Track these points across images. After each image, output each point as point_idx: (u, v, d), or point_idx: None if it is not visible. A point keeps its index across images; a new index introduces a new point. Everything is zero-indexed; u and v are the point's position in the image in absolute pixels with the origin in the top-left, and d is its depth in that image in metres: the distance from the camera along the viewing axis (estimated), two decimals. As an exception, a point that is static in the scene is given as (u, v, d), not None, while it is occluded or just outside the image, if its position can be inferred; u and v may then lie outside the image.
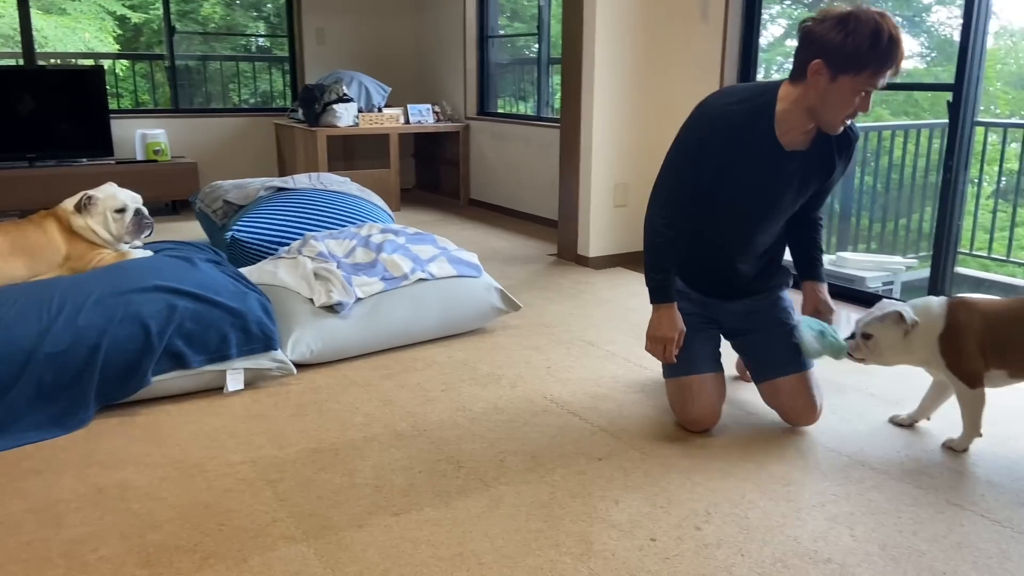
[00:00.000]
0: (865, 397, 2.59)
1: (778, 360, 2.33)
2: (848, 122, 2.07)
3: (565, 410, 2.49)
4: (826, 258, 2.61)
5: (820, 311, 2.35)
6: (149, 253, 2.89)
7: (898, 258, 4.41)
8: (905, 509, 1.93)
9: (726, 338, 2.46)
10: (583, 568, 1.69)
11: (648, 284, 2.26)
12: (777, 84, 2.12)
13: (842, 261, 4.27)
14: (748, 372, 2.71)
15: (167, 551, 1.75)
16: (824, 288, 2.39)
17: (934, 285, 3.41)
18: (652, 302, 2.27)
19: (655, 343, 2.28)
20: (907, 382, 2.71)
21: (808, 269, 2.40)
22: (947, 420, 2.35)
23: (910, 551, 1.76)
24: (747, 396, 2.60)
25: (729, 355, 2.51)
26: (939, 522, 1.87)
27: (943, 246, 3.39)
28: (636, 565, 1.70)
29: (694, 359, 2.33)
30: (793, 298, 2.47)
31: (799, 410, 2.32)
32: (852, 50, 1.92)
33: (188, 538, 1.80)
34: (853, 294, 3.77)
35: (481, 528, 1.84)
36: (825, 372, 2.79)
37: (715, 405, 2.32)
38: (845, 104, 1.99)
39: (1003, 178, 5.33)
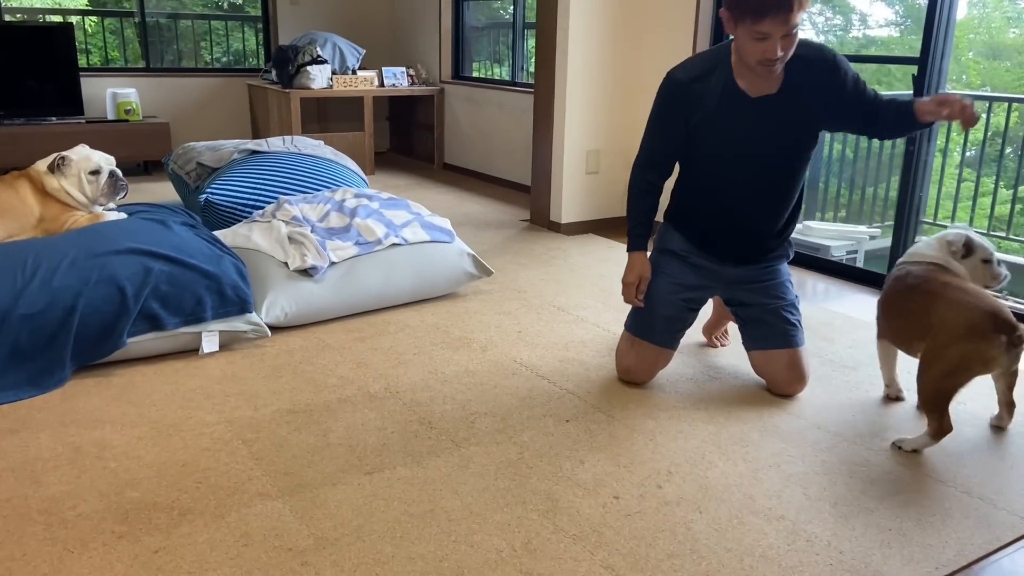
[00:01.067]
0: (824, 363, 2.68)
1: (775, 333, 2.41)
2: (777, 63, 2.09)
3: (534, 373, 2.56)
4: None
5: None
6: (123, 215, 2.89)
7: (863, 227, 4.51)
8: (857, 469, 2.03)
9: (726, 304, 2.54)
10: (548, 524, 1.77)
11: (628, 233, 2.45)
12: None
13: (807, 230, 4.36)
14: (725, 339, 2.80)
15: (145, 508, 1.80)
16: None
17: (895, 255, 3.51)
18: (627, 249, 2.44)
19: (624, 288, 2.45)
20: (864, 348, 2.81)
21: (907, 104, 2.20)
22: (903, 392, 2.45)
23: (860, 508, 1.86)
24: (713, 360, 2.68)
25: (698, 323, 2.59)
26: (887, 482, 1.97)
27: (906, 215, 3.49)
28: (599, 521, 1.78)
29: (654, 330, 2.44)
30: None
31: (790, 381, 2.42)
32: None
33: (166, 495, 1.85)
34: (818, 263, 3.87)
35: (451, 486, 1.91)
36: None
37: (651, 369, 2.49)
38: (751, 50, 2.09)
39: (971, 149, 5.45)
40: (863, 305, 3.31)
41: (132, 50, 6.43)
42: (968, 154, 5.41)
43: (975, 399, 2.42)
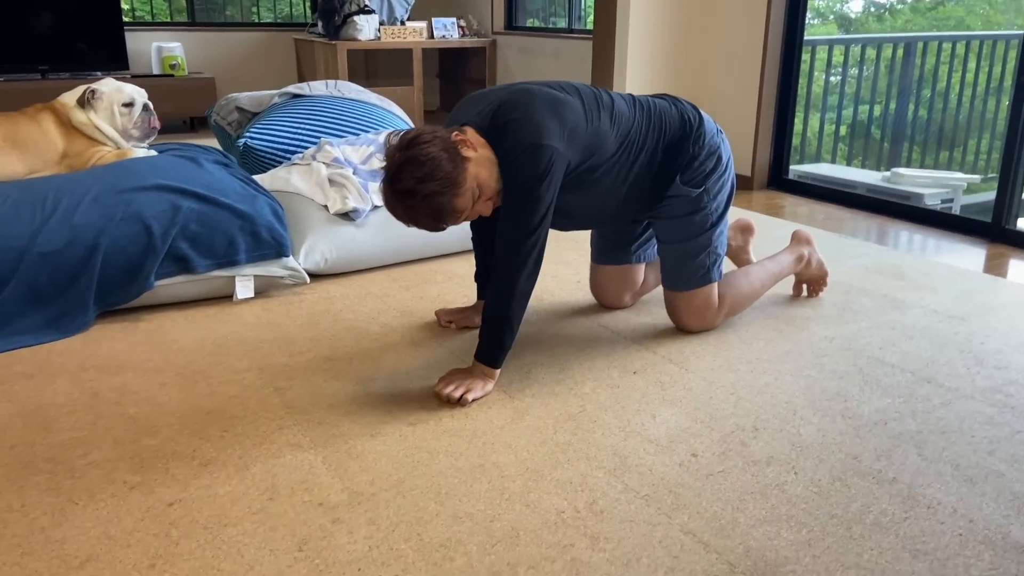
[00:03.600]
0: (927, 313, 2.37)
1: (670, 274, 2.18)
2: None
3: (595, 323, 2.30)
4: (879, 175, 2.29)
5: None
6: (153, 152, 2.71)
7: (959, 174, 4.10)
8: (979, 428, 1.73)
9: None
10: (617, 483, 1.52)
11: None
12: None
13: (897, 177, 3.98)
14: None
15: (163, 457, 1.60)
16: None
17: (1000, 209, 3.13)
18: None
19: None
20: (972, 298, 2.48)
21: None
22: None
23: (988, 471, 1.56)
24: (796, 311, 2.38)
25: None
26: (1018, 442, 1.67)
27: (1013, 164, 3.10)
28: (676, 481, 1.53)
29: (593, 249, 2.38)
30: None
31: (686, 324, 2.22)
32: None
33: (187, 444, 1.65)
34: (911, 211, 3.50)
35: (504, 440, 1.67)
36: (871, 285, 2.56)
37: (612, 291, 2.37)
38: None
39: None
40: (965, 255, 2.96)
41: (177, 4, 6.28)
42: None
43: (1111, 353, 2.08)
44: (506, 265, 1.80)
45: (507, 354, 1.89)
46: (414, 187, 1.69)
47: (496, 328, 1.85)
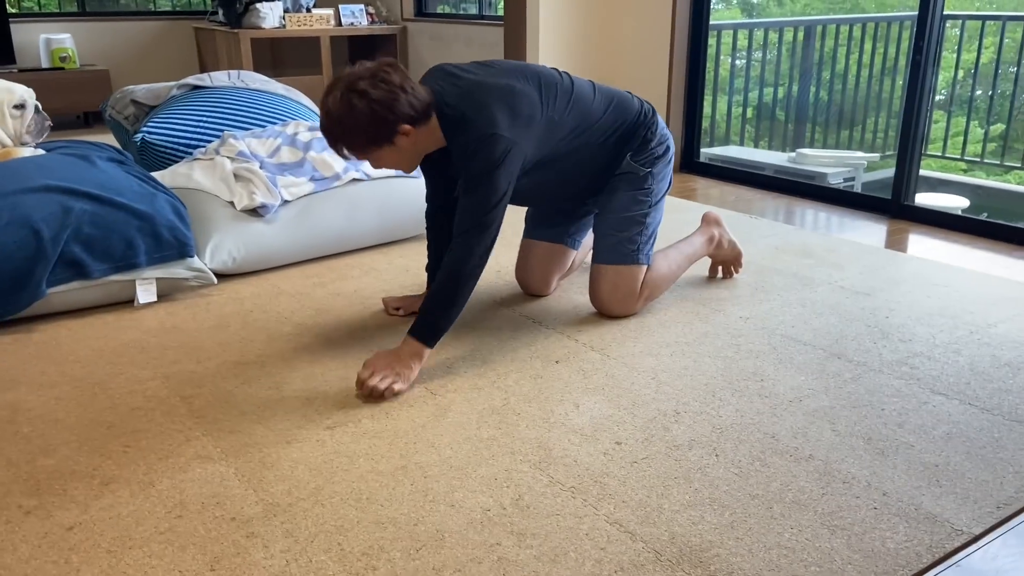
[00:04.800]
0: (835, 290, 2.43)
1: (602, 246, 2.21)
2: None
3: (517, 313, 2.28)
4: (785, 156, 2.37)
5: None
6: (39, 151, 2.54)
7: (859, 153, 4.25)
8: (888, 401, 1.78)
9: None
10: (542, 476, 1.50)
11: None
12: None
13: (802, 158, 4.09)
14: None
15: (61, 477, 1.50)
16: None
17: (898, 185, 3.25)
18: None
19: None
20: (875, 274, 2.56)
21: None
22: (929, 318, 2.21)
23: (898, 444, 1.61)
24: (714, 293, 2.42)
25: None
26: (924, 413, 1.73)
27: (909, 145, 3.21)
28: (601, 471, 1.52)
29: (528, 224, 2.39)
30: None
31: (608, 304, 2.22)
32: None
33: (86, 462, 1.55)
34: (815, 190, 3.61)
35: (426, 439, 1.63)
36: (781, 264, 2.63)
37: (540, 271, 2.35)
38: None
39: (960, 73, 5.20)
40: (868, 231, 3.06)
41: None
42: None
43: (1009, 320, 2.18)
44: (460, 247, 1.85)
45: (442, 337, 1.87)
46: (366, 88, 1.77)
47: (438, 305, 1.84)
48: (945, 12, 3.10)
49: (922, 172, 3.40)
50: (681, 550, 1.31)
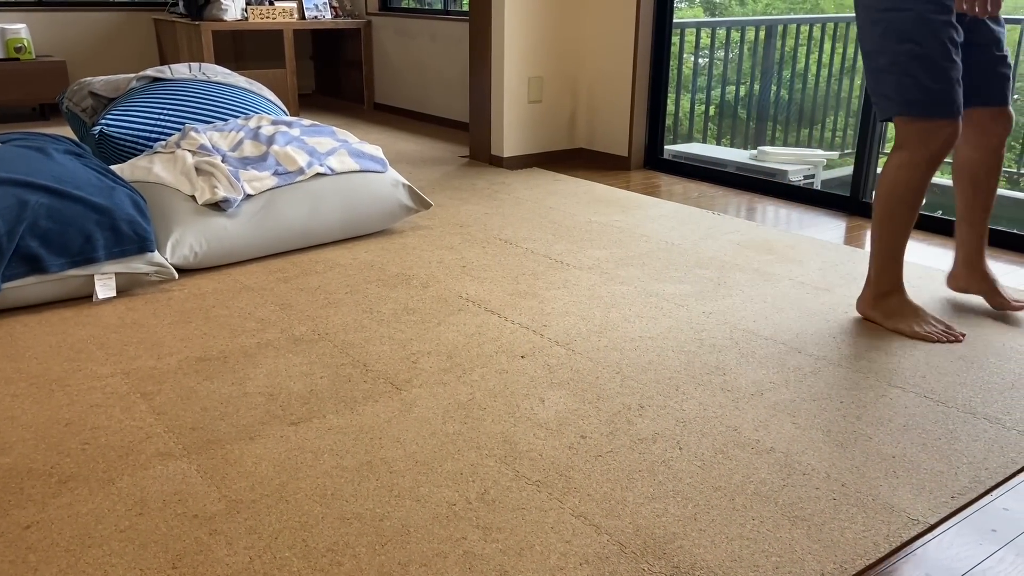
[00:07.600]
0: (795, 286, 2.47)
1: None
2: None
3: (482, 308, 2.28)
4: (746, 153, 2.36)
5: None
6: (-6, 144, 2.48)
7: (819, 151, 4.32)
8: (846, 394, 1.82)
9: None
10: (507, 471, 1.51)
11: None
12: None
13: (763, 155, 4.15)
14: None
15: (17, 476, 1.47)
16: None
17: (857, 183, 3.31)
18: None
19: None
20: (835, 270, 2.61)
21: None
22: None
23: (856, 435, 1.64)
24: (678, 289, 2.44)
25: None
26: (881, 405, 1.77)
27: (867, 143, 3.28)
28: (566, 464, 1.53)
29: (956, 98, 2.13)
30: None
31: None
32: None
33: (43, 461, 1.52)
34: (776, 188, 3.66)
35: (392, 434, 1.63)
36: (743, 260, 2.66)
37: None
38: None
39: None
40: (827, 228, 3.12)
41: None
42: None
43: (962, 315, 2.24)
44: None
45: None
46: None
47: None
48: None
49: (879, 170, 3.46)
50: (645, 542, 1.32)
